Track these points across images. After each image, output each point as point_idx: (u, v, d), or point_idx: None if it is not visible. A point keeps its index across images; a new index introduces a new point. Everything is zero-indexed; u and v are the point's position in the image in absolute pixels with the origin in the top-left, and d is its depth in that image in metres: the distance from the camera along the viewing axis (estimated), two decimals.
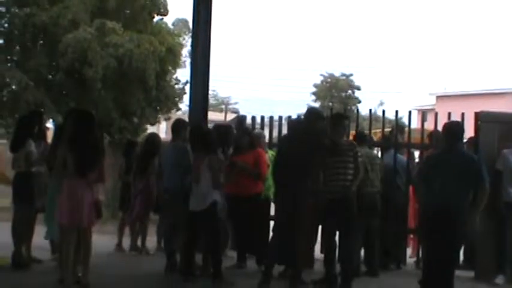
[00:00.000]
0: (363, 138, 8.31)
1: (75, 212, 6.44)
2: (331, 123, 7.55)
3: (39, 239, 8.15)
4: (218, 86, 71.02)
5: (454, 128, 6.69)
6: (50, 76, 19.70)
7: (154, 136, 9.84)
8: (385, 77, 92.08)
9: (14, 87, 18.73)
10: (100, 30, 18.81)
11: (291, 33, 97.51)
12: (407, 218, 8.91)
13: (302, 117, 7.66)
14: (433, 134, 9.02)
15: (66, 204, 6.48)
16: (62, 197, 6.55)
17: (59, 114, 18.75)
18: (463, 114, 8.82)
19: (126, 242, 9.49)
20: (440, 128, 8.97)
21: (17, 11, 19.00)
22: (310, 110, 7.52)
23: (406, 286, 7.65)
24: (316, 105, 57.52)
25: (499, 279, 7.94)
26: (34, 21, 18.69)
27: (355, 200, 7.26)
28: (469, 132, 8.75)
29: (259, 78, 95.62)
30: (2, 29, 19.52)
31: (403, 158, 8.91)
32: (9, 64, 19.14)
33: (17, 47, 19.75)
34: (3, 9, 19.39)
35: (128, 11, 20.73)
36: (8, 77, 18.36)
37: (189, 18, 22.43)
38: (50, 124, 22.32)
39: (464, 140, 8.89)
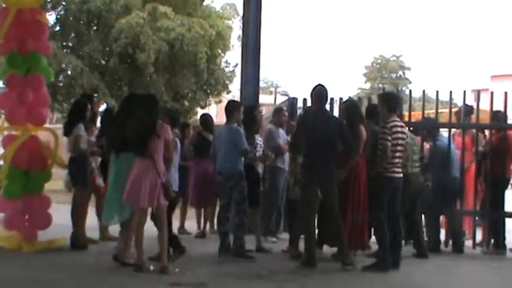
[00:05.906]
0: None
1: (144, 193, 6.46)
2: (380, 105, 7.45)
3: (95, 220, 8.37)
4: (268, 68, 70.82)
5: None
6: (104, 61, 20.06)
7: None
8: (435, 57, 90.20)
9: (69, 72, 19.16)
10: (152, 15, 19.01)
11: (342, 16, 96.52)
12: (463, 200, 8.77)
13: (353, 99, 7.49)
14: (496, 114, 8.82)
15: (134, 185, 6.52)
16: (131, 179, 6.56)
17: (113, 98, 19.11)
18: None
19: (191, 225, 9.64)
20: (496, 107, 8.83)
21: None
22: (318, 91, 7.37)
23: (456, 268, 7.59)
24: (367, 86, 57.02)
25: None
26: (88, 7, 19.04)
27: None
28: None
29: (309, 60, 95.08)
30: (58, 16, 19.94)
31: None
32: (65, 50, 19.57)
33: (72, 34, 20.16)
34: None
35: None
36: (64, 63, 18.79)
37: (237, 2, 22.50)
38: (103, 108, 22.79)
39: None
